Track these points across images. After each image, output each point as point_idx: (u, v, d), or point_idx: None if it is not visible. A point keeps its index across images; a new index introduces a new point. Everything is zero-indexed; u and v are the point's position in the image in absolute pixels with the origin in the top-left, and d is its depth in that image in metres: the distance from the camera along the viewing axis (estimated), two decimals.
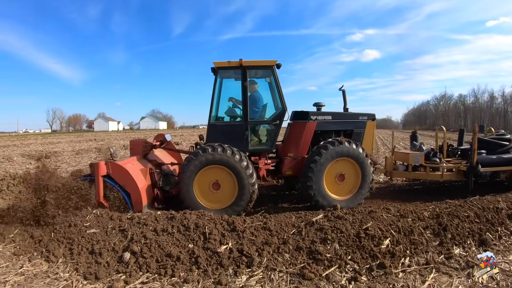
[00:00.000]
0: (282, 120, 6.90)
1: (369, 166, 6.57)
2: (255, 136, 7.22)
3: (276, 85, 6.97)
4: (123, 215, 5.33)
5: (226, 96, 7.52)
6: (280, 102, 6.96)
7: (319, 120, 7.02)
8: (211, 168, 6.33)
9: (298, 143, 7.00)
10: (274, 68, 6.91)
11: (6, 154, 20.83)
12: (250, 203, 6.40)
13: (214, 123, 7.07)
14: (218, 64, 6.90)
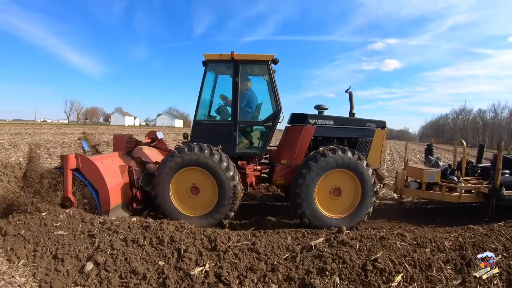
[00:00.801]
0: (275, 122, 6.07)
1: (371, 178, 5.61)
2: (245, 138, 6.42)
3: (271, 83, 6.12)
4: (96, 218, 4.82)
5: (218, 93, 6.83)
6: (275, 102, 6.12)
7: (318, 125, 6.12)
8: (188, 170, 5.62)
9: (293, 149, 6.12)
10: (269, 64, 6.07)
11: (14, 142, 20.56)
12: (232, 209, 5.65)
13: (200, 121, 6.29)
14: (209, 56, 6.14)
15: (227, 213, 5.59)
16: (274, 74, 6.09)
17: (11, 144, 18.98)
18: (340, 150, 5.50)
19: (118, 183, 5.73)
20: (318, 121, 6.11)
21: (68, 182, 5.34)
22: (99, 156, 5.92)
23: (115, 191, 5.59)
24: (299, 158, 6.02)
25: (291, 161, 6.09)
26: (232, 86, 6.07)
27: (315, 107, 6.43)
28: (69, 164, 5.29)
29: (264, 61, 6.07)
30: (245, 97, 6.38)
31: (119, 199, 5.68)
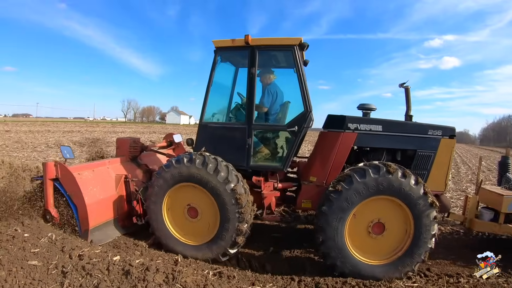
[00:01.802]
0: (303, 126, 4.58)
1: (431, 211, 3.89)
2: (263, 147, 5.00)
3: (297, 75, 4.62)
4: (76, 250, 4.03)
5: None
6: (302, 100, 4.62)
7: (361, 131, 4.52)
8: (186, 187, 4.48)
9: (326, 163, 4.61)
10: (295, 50, 4.57)
11: (58, 140, 20.55)
12: (234, 246, 4.36)
13: (206, 123, 4.96)
14: (219, 43, 4.84)
15: (226, 249, 4.32)
16: (301, 63, 4.61)
17: (55, 142, 18.81)
18: (387, 167, 3.89)
19: (106, 197, 4.91)
20: (361, 125, 4.52)
21: (48, 193, 4.66)
22: (87, 164, 5.15)
23: (99, 207, 4.76)
24: (333, 175, 4.48)
25: (322, 179, 4.58)
26: (247, 79, 4.71)
27: (359, 106, 4.89)
28: (47, 173, 4.59)
29: (289, 46, 4.60)
30: (265, 94, 5.03)
31: (107, 215, 4.92)
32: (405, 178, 3.84)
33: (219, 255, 4.32)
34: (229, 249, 4.29)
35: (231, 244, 4.26)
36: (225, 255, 4.34)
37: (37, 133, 27.89)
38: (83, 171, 4.83)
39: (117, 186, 5.11)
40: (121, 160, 5.62)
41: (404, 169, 3.92)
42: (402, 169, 3.90)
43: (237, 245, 4.31)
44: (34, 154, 14.00)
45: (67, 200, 4.66)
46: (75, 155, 7.67)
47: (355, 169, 4.02)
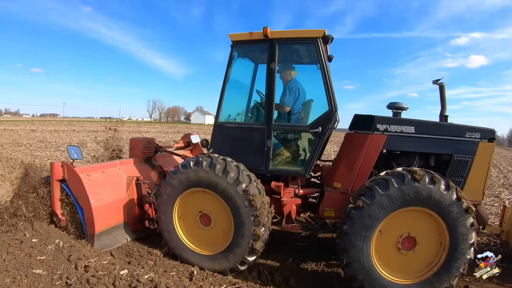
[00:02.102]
0: (327, 127, 4.14)
1: (466, 218, 3.38)
2: (284, 149, 4.60)
3: (321, 71, 4.18)
4: (82, 259, 3.82)
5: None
6: (327, 98, 4.17)
7: (391, 133, 4.06)
8: (196, 193, 4.15)
9: (351, 167, 4.18)
10: (319, 43, 4.15)
11: (82, 139, 20.71)
12: (252, 253, 3.95)
13: (222, 123, 4.59)
14: (236, 36, 4.47)
15: (244, 257, 3.93)
16: (325, 58, 4.18)
17: (79, 141, 19.03)
18: (412, 174, 3.42)
19: (116, 199, 4.67)
20: (391, 127, 4.05)
21: (55, 194, 4.48)
22: (97, 165, 4.92)
23: (107, 210, 4.51)
24: (359, 182, 4.04)
25: (348, 186, 4.15)
26: (266, 76, 4.33)
27: (389, 105, 4.43)
28: (54, 174, 4.40)
29: (311, 39, 4.18)
30: (287, 92, 4.65)
31: (117, 219, 4.69)
32: (434, 184, 3.36)
33: (237, 264, 3.95)
34: (247, 256, 3.91)
35: (249, 251, 3.88)
36: (243, 264, 3.97)
37: (62, 132, 28.47)
38: (92, 172, 4.62)
39: (128, 188, 4.88)
40: (134, 161, 5.40)
41: (432, 173, 3.44)
42: (429, 174, 3.43)
43: (255, 252, 3.92)
44: (57, 154, 14.07)
45: (74, 202, 4.42)
46: (98, 155, 7.55)
47: (376, 180, 3.56)
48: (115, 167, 5.01)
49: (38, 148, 15.82)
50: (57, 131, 30.39)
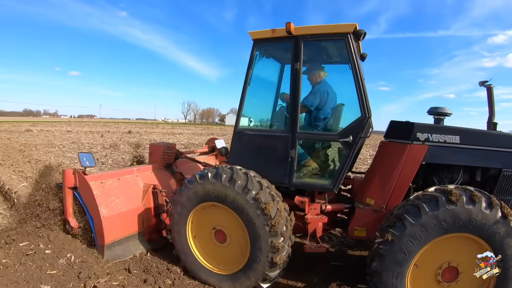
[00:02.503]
0: (359, 136, 3.63)
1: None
2: (310, 160, 4.15)
3: (352, 71, 3.70)
4: (92, 278, 3.66)
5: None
6: (359, 102, 3.67)
7: (433, 143, 3.54)
8: (208, 207, 3.89)
9: (387, 182, 3.68)
10: (349, 39, 3.66)
11: (114, 142, 21.02)
12: (273, 267, 3.54)
13: (242, 130, 4.23)
14: (257, 34, 4.09)
15: (264, 273, 3.55)
16: (357, 56, 3.71)
17: (111, 144, 19.33)
18: (447, 196, 2.93)
19: (130, 209, 4.48)
20: (433, 136, 3.53)
21: (67, 202, 4.36)
22: (113, 172, 4.77)
23: (120, 220, 4.33)
24: (395, 198, 3.57)
25: (381, 203, 3.66)
26: (290, 77, 3.92)
27: (430, 110, 3.95)
28: (66, 182, 4.28)
29: (340, 35, 3.70)
30: (313, 94, 4.21)
31: (131, 228, 4.50)
32: (473, 204, 2.87)
33: (258, 282, 3.60)
34: (267, 272, 3.52)
35: (269, 265, 3.50)
36: (265, 280, 3.60)
37: (96, 133, 29.15)
38: (107, 179, 4.45)
39: (144, 196, 4.69)
40: (153, 167, 5.18)
41: (470, 191, 2.96)
42: (467, 192, 2.95)
43: (276, 266, 3.51)
44: None
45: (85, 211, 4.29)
46: (128, 158, 7.49)
47: (405, 207, 3.10)
48: (132, 174, 4.82)
49: (71, 150, 16.11)
50: (91, 132, 31.31)
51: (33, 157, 11.35)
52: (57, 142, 19.12)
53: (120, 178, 4.62)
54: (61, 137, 23.62)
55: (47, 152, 14.43)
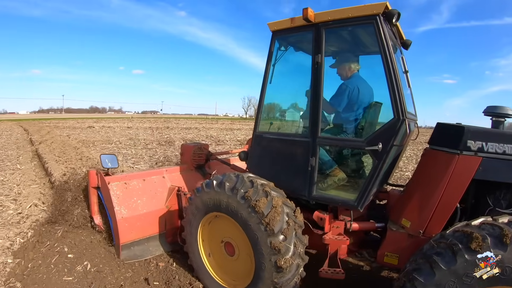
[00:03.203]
0: (391, 143, 2.97)
1: None
2: (337, 169, 3.59)
3: (383, 61, 3.03)
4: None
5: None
6: (392, 101, 3.00)
7: (488, 154, 2.79)
8: (213, 220, 3.64)
9: (427, 201, 3.01)
10: (378, 22, 3.00)
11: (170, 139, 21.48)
12: (281, 274, 3.04)
13: (261, 133, 3.80)
14: (275, 25, 3.65)
15: (273, 280, 3.08)
16: (388, 43, 3.00)
17: (167, 140, 19.71)
18: (506, 235, 2.15)
19: (151, 210, 4.47)
20: (489, 145, 2.78)
21: (92, 201, 4.62)
22: (140, 173, 4.79)
23: (139, 221, 4.34)
24: (436, 223, 2.91)
25: (419, 227, 3.01)
26: (312, 72, 3.39)
27: (487, 110, 3.20)
28: (90, 182, 4.54)
29: (367, 18, 3.05)
30: (340, 92, 3.64)
31: (151, 230, 4.48)
32: (504, 248, 2.10)
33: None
34: (275, 279, 3.04)
35: (275, 270, 3.02)
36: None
37: (155, 129, 30.21)
38: (131, 180, 4.49)
39: (168, 198, 4.64)
40: (181, 168, 5.12)
41: (500, 228, 2.19)
42: (495, 230, 2.20)
43: (282, 270, 2.99)
44: (141, 152, 14.50)
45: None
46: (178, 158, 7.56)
47: (417, 261, 2.41)
48: (159, 175, 4.81)
49: (127, 146, 16.64)
50: (151, 128, 32.49)
51: (85, 154, 11.79)
52: (115, 139, 19.95)
53: (146, 179, 4.63)
54: (120, 133, 24.79)
55: (103, 149, 15.02)
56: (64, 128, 29.74)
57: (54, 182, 7.58)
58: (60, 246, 4.21)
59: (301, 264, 3.10)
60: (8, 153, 13.59)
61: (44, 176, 9.04)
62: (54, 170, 8.88)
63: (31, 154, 13.25)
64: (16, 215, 5.64)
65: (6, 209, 6.02)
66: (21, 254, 4.13)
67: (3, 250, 4.27)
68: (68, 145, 14.36)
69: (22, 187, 7.62)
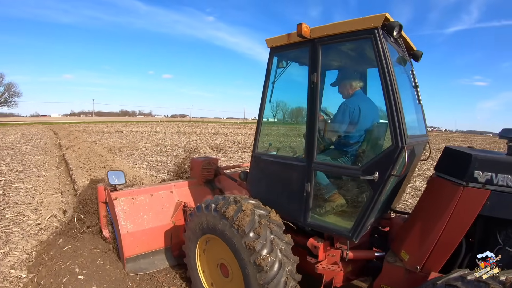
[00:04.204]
0: (389, 172, 2.69)
1: None
2: (336, 194, 3.38)
3: (381, 79, 2.77)
4: None
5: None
6: (390, 126, 2.73)
7: (499, 187, 2.50)
8: (215, 240, 3.47)
9: (428, 234, 2.78)
10: (377, 36, 2.73)
11: (197, 144, 21.53)
12: (265, 277, 2.91)
13: (259, 154, 3.68)
14: (272, 41, 3.52)
15: (259, 284, 2.92)
16: (388, 59, 2.73)
17: (193, 147, 19.66)
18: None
19: (157, 225, 4.54)
20: (499, 176, 2.49)
21: (101, 214, 4.95)
22: (148, 188, 4.83)
23: (144, 236, 4.43)
24: (435, 260, 2.67)
25: (417, 262, 2.78)
26: (308, 91, 3.25)
27: (501, 133, 2.82)
28: (99, 196, 4.85)
29: (366, 32, 2.80)
30: (340, 112, 3.45)
31: (156, 244, 4.56)
32: None
33: None
34: (261, 281, 2.90)
35: (257, 271, 2.89)
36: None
37: (182, 135, 30.63)
38: (138, 195, 4.59)
39: (174, 213, 4.70)
40: (190, 183, 5.12)
41: None
42: None
43: (263, 269, 2.85)
44: (166, 159, 14.48)
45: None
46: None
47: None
48: (167, 190, 4.88)
49: (152, 152, 16.81)
50: (178, 133, 32.95)
51: (109, 162, 11.99)
52: (141, 144, 20.23)
53: (153, 194, 4.71)
54: (147, 139, 25.29)
55: (128, 155, 15.27)
56: (92, 133, 30.76)
57: (77, 190, 7.78)
58: (72, 265, 4.26)
59: (286, 261, 2.95)
60: (36, 158, 14.10)
61: (68, 183, 9.34)
62: (77, 178, 9.12)
63: (58, 160, 13.71)
64: (35, 226, 5.81)
65: (26, 219, 6.23)
66: (35, 269, 4.24)
67: (19, 263, 4.44)
68: (94, 152, 14.68)
69: (44, 196, 7.85)
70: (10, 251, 4.79)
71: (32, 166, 12.15)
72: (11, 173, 10.68)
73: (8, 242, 5.11)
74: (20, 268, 4.31)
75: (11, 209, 6.84)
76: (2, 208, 6.85)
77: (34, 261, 4.49)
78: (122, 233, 4.22)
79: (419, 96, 3.33)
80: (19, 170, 11.33)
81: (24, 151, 16.94)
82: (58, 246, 4.80)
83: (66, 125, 46.74)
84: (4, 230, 5.62)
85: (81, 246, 4.70)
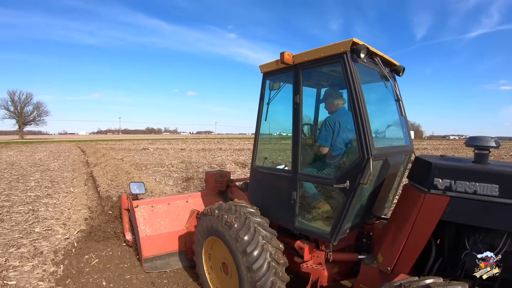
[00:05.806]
0: (358, 182, 3.01)
1: None
2: (322, 201, 3.75)
3: (349, 98, 3.16)
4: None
5: None
6: (357, 139, 3.08)
7: (457, 194, 2.68)
8: (216, 241, 4.01)
9: (396, 239, 3.06)
10: (345, 60, 3.12)
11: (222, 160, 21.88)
12: (253, 268, 3.36)
13: (256, 167, 4.25)
14: (265, 67, 4.05)
15: (247, 267, 3.39)
16: (356, 80, 3.08)
17: (219, 163, 19.87)
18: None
19: (172, 230, 5.21)
20: (458, 184, 2.66)
21: (124, 220, 5.73)
22: (166, 197, 5.61)
23: (161, 239, 5.11)
24: (404, 262, 2.94)
25: (388, 263, 3.06)
26: (292, 110, 3.70)
27: (467, 142, 2.97)
28: (122, 204, 5.62)
29: (336, 57, 3.21)
30: (322, 128, 3.82)
31: (171, 247, 5.21)
32: None
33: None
34: (248, 264, 3.36)
35: (242, 253, 3.42)
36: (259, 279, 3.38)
37: (208, 151, 31.10)
38: (157, 204, 5.31)
39: (188, 220, 5.25)
40: (204, 194, 5.81)
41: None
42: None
43: (259, 274, 3.30)
44: (194, 175, 14.40)
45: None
46: (235, 177, 8.16)
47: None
48: (183, 200, 5.55)
49: (178, 169, 16.91)
50: (204, 150, 33.53)
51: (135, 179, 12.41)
52: (167, 161, 20.51)
53: (170, 203, 5.41)
54: (173, 155, 25.76)
55: (154, 172, 15.61)
56: (119, 150, 31.71)
57: (104, 207, 8.13)
58: (99, 279, 4.63)
59: (274, 264, 3.40)
60: (64, 175, 14.73)
61: (96, 199, 9.73)
62: (104, 194, 9.57)
63: (85, 177, 14.31)
64: (64, 240, 6.11)
65: (55, 233, 6.58)
66: (62, 282, 4.52)
67: (47, 275, 4.69)
68: (120, 169, 15.04)
69: (73, 211, 8.24)
70: (39, 264, 5.04)
71: (61, 182, 12.69)
72: (40, 189, 11.27)
73: (37, 255, 5.38)
74: (48, 280, 4.54)
75: (40, 223, 7.19)
76: (31, 223, 7.24)
77: (62, 274, 4.75)
78: (141, 236, 4.90)
79: (402, 108, 3.70)
80: (48, 186, 11.92)
81: (53, 168, 17.65)
82: (86, 260, 5.20)
83: (93, 142, 48.33)
84: (33, 244, 5.92)
85: (108, 261, 5.16)
